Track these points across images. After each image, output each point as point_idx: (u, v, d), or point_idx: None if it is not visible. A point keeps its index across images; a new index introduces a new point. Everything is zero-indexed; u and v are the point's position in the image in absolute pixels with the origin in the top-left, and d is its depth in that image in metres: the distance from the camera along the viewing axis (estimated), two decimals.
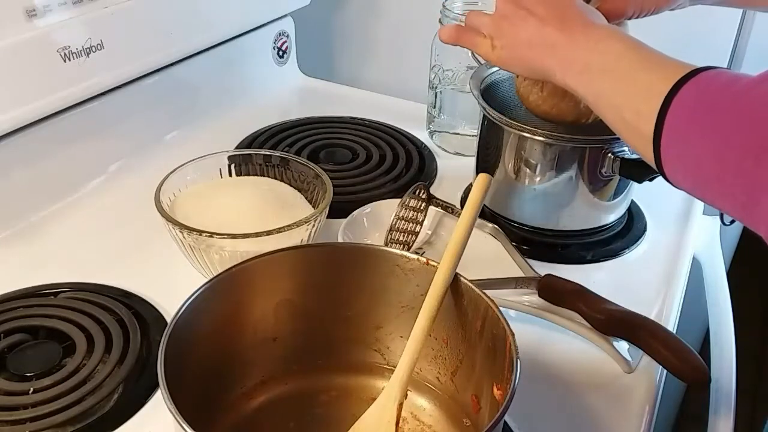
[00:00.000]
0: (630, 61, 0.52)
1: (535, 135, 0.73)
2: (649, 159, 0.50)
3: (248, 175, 0.76)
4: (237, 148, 0.94)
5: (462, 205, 0.77)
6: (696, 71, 0.48)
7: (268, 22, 1.08)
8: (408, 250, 0.69)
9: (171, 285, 0.68)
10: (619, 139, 0.71)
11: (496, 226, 0.77)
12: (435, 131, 0.98)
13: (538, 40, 0.58)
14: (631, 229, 0.82)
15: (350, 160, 0.93)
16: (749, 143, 0.43)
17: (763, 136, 0.42)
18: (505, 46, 0.62)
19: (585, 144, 0.73)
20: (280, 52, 1.13)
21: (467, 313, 0.53)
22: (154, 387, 0.60)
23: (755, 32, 0.98)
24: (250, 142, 0.96)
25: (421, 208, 0.77)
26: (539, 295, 0.68)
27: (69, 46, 0.76)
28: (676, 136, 0.48)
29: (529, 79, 0.70)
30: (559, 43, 0.57)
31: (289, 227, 0.65)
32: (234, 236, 0.64)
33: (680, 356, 0.59)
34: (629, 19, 0.63)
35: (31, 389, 0.58)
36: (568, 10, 0.57)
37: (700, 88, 0.47)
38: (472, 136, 0.86)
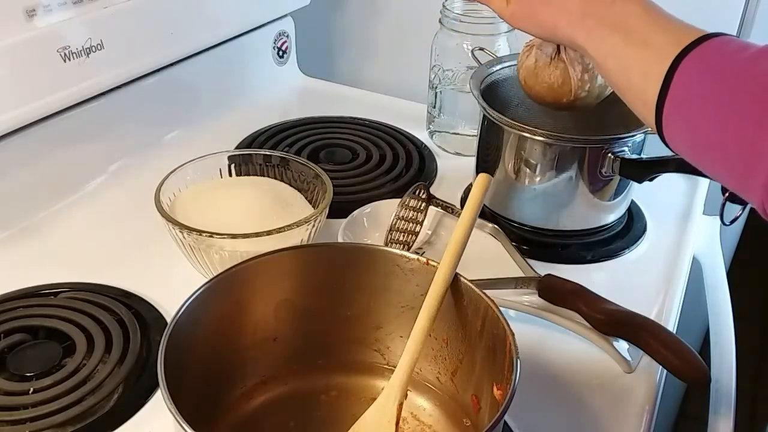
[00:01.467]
0: (646, 23, 0.51)
1: (535, 135, 0.73)
2: (650, 122, 0.50)
3: (248, 175, 0.76)
4: (237, 148, 0.94)
5: (462, 205, 0.77)
6: (706, 37, 0.48)
7: (268, 22, 1.08)
8: (408, 250, 0.69)
9: (171, 285, 0.68)
10: (619, 139, 0.72)
11: (496, 226, 0.77)
12: (435, 131, 0.98)
13: (559, 2, 0.57)
14: (631, 229, 0.82)
15: (350, 160, 0.93)
16: (752, 112, 0.43)
17: (765, 108, 0.43)
18: (519, 2, 0.61)
19: (585, 144, 0.73)
20: (280, 52, 1.13)
21: (467, 313, 0.53)
22: (154, 387, 0.60)
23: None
24: (250, 142, 0.96)
25: (421, 208, 0.77)
26: (539, 295, 0.68)
27: (69, 46, 0.76)
28: (680, 100, 0.48)
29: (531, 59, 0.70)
30: (579, 4, 0.55)
31: (289, 227, 0.65)
32: (234, 236, 0.64)
33: (680, 356, 0.59)
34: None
35: (31, 389, 0.58)
36: None
37: (708, 54, 0.47)
38: (472, 136, 0.86)
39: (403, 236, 0.75)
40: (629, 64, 0.52)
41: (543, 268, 0.71)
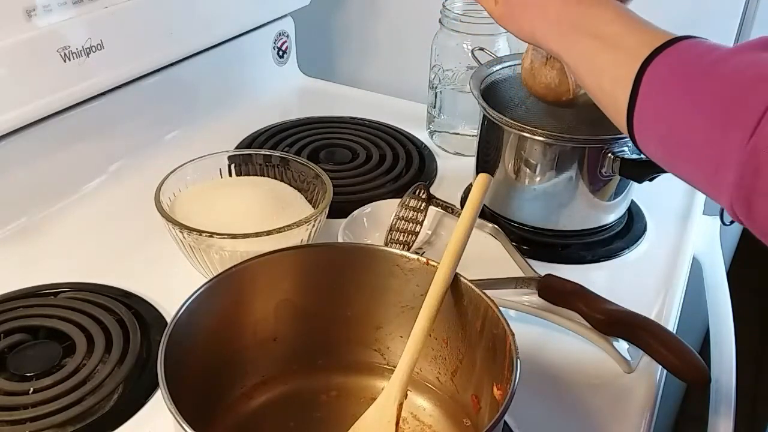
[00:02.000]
0: (618, 27, 0.52)
1: (535, 135, 0.73)
2: (623, 126, 0.51)
3: (248, 175, 0.76)
4: (237, 148, 0.94)
5: (462, 205, 0.77)
6: (675, 39, 0.48)
7: (268, 22, 1.08)
8: (408, 250, 0.69)
9: (171, 285, 0.68)
10: (619, 139, 0.72)
11: (496, 226, 0.77)
12: (435, 131, 0.98)
13: (538, 8, 0.58)
14: (631, 229, 0.82)
15: (350, 160, 0.93)
16: (720, 111, 0.44)
17: (734, 107, 0.43)
18: (505, 3, 0.62)
19: (585, 144, 0.73)
20: (280, 52, 1.13)
21: (467, 313, 0.53)
22: (154, 387, 0.60)
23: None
24: (250, 142, 0.96)
25: (421, 208, 0.77)
26: (539, 295, 0.68)
27: (69, 46, 0.76)
28: (649, 103, 0.48)
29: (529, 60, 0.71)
30: (551, 5, 0.56)
31: (289, 227, 0.65)
32: (234, 236, 0.64)
33: (680, 356, 0.59)
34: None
35: (31, 389, 0.58)
36: None
37: (677, 55, 0.48)
38: (472, 136, 0.86)
39: (403, 236, 0.75)
40: (601, 69, 0.52)
41: (543, 268, 0.71)
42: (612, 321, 0.63)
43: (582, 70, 0.55)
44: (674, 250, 0.80)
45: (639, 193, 0.83)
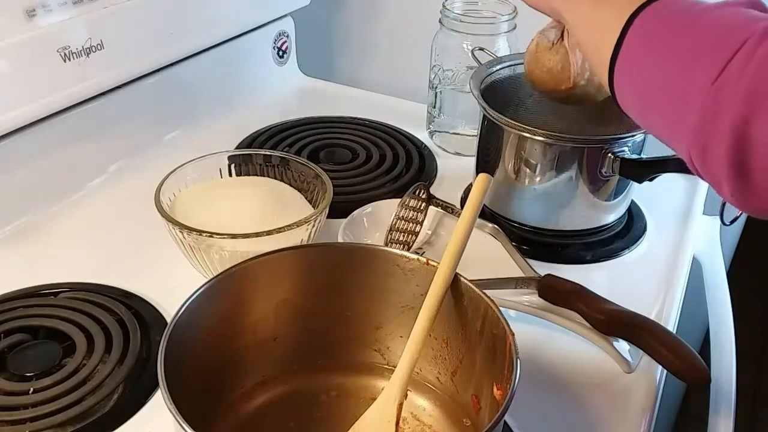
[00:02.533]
0: None
1: (535, 135, 0.73)
2: (605, 80, 0.52)
3: (248, 175, 0.76)
4: (237, 148, 0.94)
5: (462, 205, 0.77)
6: None
7: (268, 22, 1.08)
8: (408, 250, 0.69)
9: (171, 285, 0.68)
10: (619, 139, 0.72)
11: (496, 226, 0.77)
12: (435, 131, 0.98)
13: None
14: (631, 229, 0.82)
15: (350, 160, 0.93)
16: (692, 58, 0.44)
17: (705, 52, 0.44)
18: None
19: (585, 144, 0.73)
20: (280, 52, 1.13)
21: (467, 313, 0.53)
22: (154, 387, 0.60)
23: None
24: (250, 142, 0.96)
25: (421, 208, 0.77)
26: (539, 295, 0.68)
27: (69, 46, 0.76)
28: (630, 53, 0.50)
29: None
30: None
31: (289, 227, 0.65)
32: (234, 236, 0.64)
33: (680, 356, 0.59)
34: None
35: (31, 389, 0.58)
36: None
37: (662, 7, 0.49)
38: (472, 136, 0.86)
39: (403, 236, 0.75)
40: (594, 26, 0.54)
41: (543, 268, 0.71)
42: (612, 321, 0.63)
43: (579, 31, 0.56)
44: (674, 250, 0.80)
45: (639, 193, 0.83)
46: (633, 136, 0.73)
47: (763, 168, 0.41)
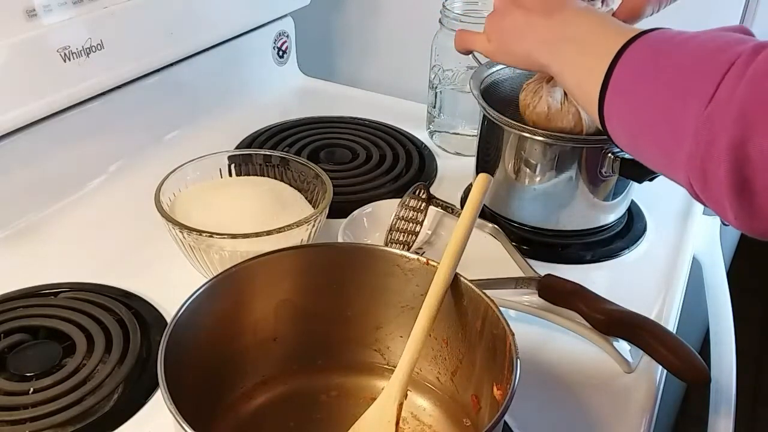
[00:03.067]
0: (597, 31, 0.55)
1: (535, 135, 0.73)
2: (597, 119, 0.53)
3: (248, 175, 0.76)
4: (237, 148, 0.94)
5: (462, 205, 0.77)
6: (646, 31, 0.50)
7: (268, 22, 1.08)
8: (408, 250, 0.69)
9: (171, 285, 0.68)
10: None
11: (496, 226, 0.77)
12: (435, 131, 0.98)
13: (523, 28, 0.61)
14: (631, 229, 0.82)
15: (350, 160, 0.93)
16: (680, 86, 0.45)
17: (693, 78, 0.44)
18: (496, 38, 0.65)
19: (585, 144, 0.73)
20: (280, 52, 1.13)
21: (467, 313, 0.53)
22: (154, 387, 0.60)
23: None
24: (250, 142, 0.96)
25: (421, 208, 0.77)
26: (539, 295, 0.68)
27: (69, 46, 0.76)
28: (618, 89, 0.50)
29: (527, 92, 0.73)
30: (539, 25, 0.60)
31: (289, 227, 0.65)
32: (234, 236, 0.64)
33: (680, 356, 0.59)
34: (649, 16, 0.65)
35: (31, 389, 0.58)
36: None
37: (646, 43, 0.50)
38: (472, 136, 0.86)
39: (403, 236, 0.75)
40: (581, 70, 0.54)
41: (543, 268, 0.71)
42: (612, 321, 0.63)
43: (566, 75, 0.57)
44: (674, 250, 0.80)
45: (639, 193, 0.83)
46: None
47: (765, 186, 0.41)
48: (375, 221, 0.76)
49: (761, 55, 0.41)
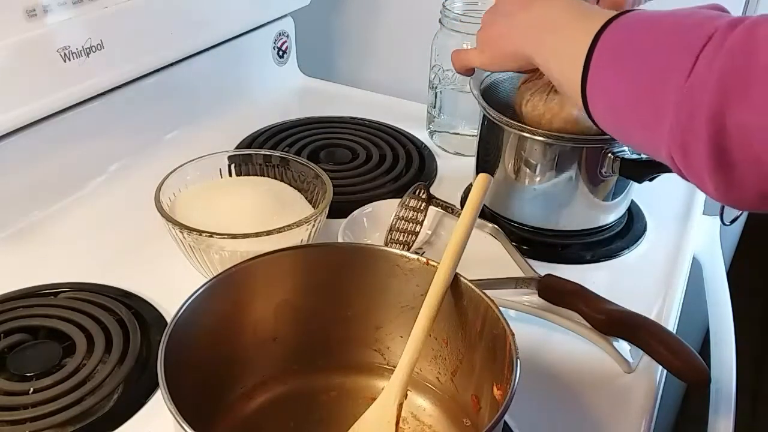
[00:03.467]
0: (574, 17, 0.55)
1: (535, 135, 0.73)
2: (580, 103, 0.53)
3: (248, 175, 0.76)
4: (237, 148, 0.94)
5: (462, 205, 0.77)
6: (623, 12, 0.51)
7: (268, 22, 1.08)
8: (408, 250, 0.69)
9: (171, 285, 0.68)
10: None
11: (496, 226, 0.77)
12: (435, 131, 0.98)
13: (509, 30, 0.63)
14: (631, 229, 0.82)
15: (350, 160, 0.93)
16: (660, 62, 0.45)
17: (672, 53, 0.44)
18: (488, 48, 0.67)
19: (585, 144, 0.73)
20: (280, 52, 1.13)
21: (467, 313, 0.53)
22: (154, 387, 0.60)
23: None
24: (250, 142, 0.96)
25: (421, 208, 0.77)
26: (539, 295, 0.68)
27: (69, 46, 0.76)
28: (599, 70, 0.51)
29: (521, 94, 0.74)
30: (520, 21, 0.61)
31: (289, 227, 0.65)
32: (234, 236, 0.64)
33: (680, 356, 0.59)
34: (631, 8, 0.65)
35: (31, 389, 0.58)
36: None
37: (624, 23, 0.50)
38: (472, 136, 0.86)
39: (403, 236, 0.75)
40: (563, 58, 0.55)
41: (543, 268, 0.71)
42: (612, 321, 0.63)
43: (550, 64, 0.58)
44: (674, 250, 0.80)
45: (639, 193, 0.83)
46: None
47: (743, 158, 0.42)
48: (375, 221, 0.76)
49: (737, 29, 0.42)
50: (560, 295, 0.67)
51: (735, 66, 0.41)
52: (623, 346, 0.65)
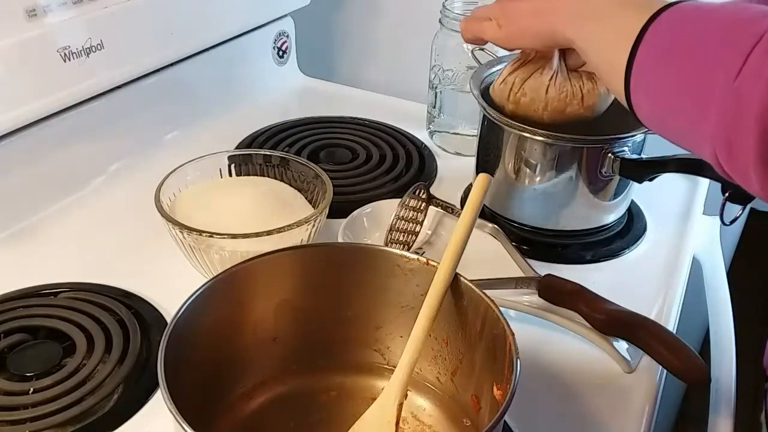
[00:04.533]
0: (618, 6, 0.54)
1: (535, 135, 0.73)
2: (620, 92, 0.53)
3: (248, 175, 0.76)
4: (237, 148, 0.94)
5: (462, 205, 0.77)
6: (672, 4, 0.50)
7: (268, 22, 1.08)
8: (408, 250, 0.69)
9: (171, 285, 0.68)
10: (619, 139, 0.72)
11: (496, 226, 0.77)
12: (435, 131, 0.98)
13: (542, 7, 0.61)
14: (631, 229, 0.82)
15: (350, 160, 0.93)
16: (708, 56, 0.45)
17: (722, 49, 0.44)
18: (510, 22, 0.65)
19: (585, 144, 0.73)
20: (280, 52, 1.13)
21: (467, 313, 0.53)
22: (154, 387, 0.60)
23: None
24: (250, 142, 0.96)
25: (421, 208, 0.77)
26: (539, 295, 0.68)
27: (69, 46, 0.76)
28: (644, 64, 0.50)
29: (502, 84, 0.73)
30: (559, 3, 0.60)
31: (289, 227, 0.65)
32: (234, 236, 0.64)
33: (680, 356, 0.59)
34: None
35: (31, 389, 0.58)
36: None
37: (671, 16, 0.50)
38: (472, 136, 0.86)
39: (403, 236, 0.75)
40: (605, 48, 0.55)
41: (543, 268, 0.71)
42: (612, 321, 0.63)
43: (590, 52, 0.57)
44: (674, 250, 0.80)
45: (639, 193, 0.83)
46: (633, 136, 0.73)
47: None
48: (375, 221, 0.76)
49: None
50: (560, 295, 0.67)
51: None
52: (623, 346, 0.65)
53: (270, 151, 0.78)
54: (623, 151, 0.73)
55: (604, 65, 0.55)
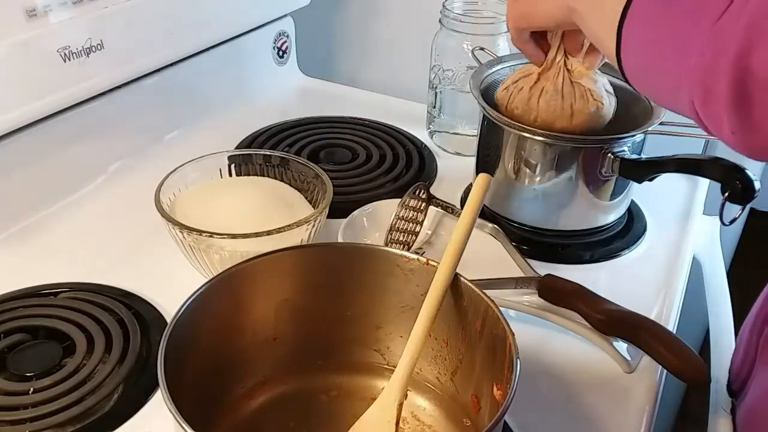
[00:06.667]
0: None
1: (535, 135, 0.73)
2: (611, 52, 0.52)
3: (248, 175, 0.76)
4: (237, 148, 0.94)
5: (462, 205, 0.77)
6: None
7: (268, 22, 1.08)
8: (408, 250, 0.69)
9: (171, 285, 0.68)
10: (619, 139, 0.72)
11: (496, 226, 0.77)
12: (435, 131, 0.98)
13: None
14: (631, 229, 0.82)
15: (350, 160, 0.93)
16: (691, 9, 0.45)
17: (705, 1, 0.44)
18: (520, 3, 0.64)
19: (584, 144, 0.73)
20: (280, 52, 1.13)
21: (467, 313, 0.53)
22: (154, 387, 0.60)
23: None
24: (250, 142, 0.96)
25: (421, 208, 0.77)
26: (539, 295, 0.68)
27: (69, 46, 0.76)
28: (635, 21, 0.50)
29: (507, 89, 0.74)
30: None
31: (289, 227, 0.65)
32: (234, 236, 0.64)
33: (680, 356, 0.59)
34: None
35: (31, 389, 0.58)
36: None
37: None
38: (472, 136, 0.86)
39: (403, 236, 0.75)
40: (600, 11, 0.54)
41: (543, 268, 0.71)
42: (612, 321, 0.63)
43: (590, 18, 0.56)
44: (674, 250, 0.80)
45: (639, 193, 0.83)
46: (633, 136, 0.73)
47: (764, 100, 0.41)
48: (375, 221, 0.76)
49: None
50: (560, 295, 0.67)
51: (766, 8, 0.40)
52: (623, 346, 0.65)
53: (270, 151, 0.78)
54: (623, 151, 0.73)
55: (597, 28, 0.55)
